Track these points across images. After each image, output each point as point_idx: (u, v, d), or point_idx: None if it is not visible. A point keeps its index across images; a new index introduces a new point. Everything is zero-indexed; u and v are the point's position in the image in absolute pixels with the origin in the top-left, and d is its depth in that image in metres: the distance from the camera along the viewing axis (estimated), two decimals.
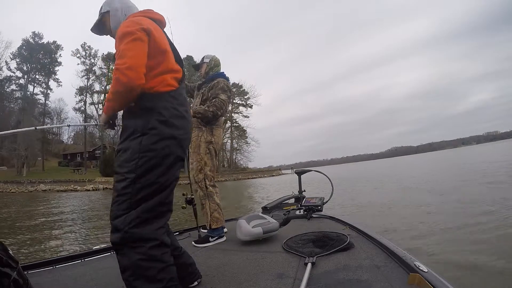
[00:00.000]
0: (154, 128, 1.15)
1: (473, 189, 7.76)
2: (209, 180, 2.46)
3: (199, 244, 2.33)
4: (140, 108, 1.18)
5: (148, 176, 1.13)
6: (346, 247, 1.76)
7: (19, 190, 27.40)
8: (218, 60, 2.74)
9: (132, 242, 1.08)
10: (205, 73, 2.69)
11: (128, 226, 1.08)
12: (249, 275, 1.56)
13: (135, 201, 1.10)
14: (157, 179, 1.15)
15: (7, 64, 44.29)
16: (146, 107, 1.18)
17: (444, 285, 1.10)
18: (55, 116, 51.52)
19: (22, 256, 4.44)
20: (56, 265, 1.99)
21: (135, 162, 1.12)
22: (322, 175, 3.34)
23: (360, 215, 6.08)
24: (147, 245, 1.09)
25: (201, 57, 2.78)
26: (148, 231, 1.11)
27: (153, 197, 1.14)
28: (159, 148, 1.15)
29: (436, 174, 14.91)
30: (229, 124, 56.11)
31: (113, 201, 1.14)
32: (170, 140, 1.19)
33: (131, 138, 1.16)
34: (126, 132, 1.19)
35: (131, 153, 1.13)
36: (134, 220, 1.09)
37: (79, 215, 9.94)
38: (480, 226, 4.24)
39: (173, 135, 1.19)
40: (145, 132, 1.15)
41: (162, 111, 1.18)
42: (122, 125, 1.21)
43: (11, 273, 1.03)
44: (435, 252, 3.43)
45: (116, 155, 1.22)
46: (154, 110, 1.17)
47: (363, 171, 33.38)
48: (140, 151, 1.13)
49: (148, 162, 1.13)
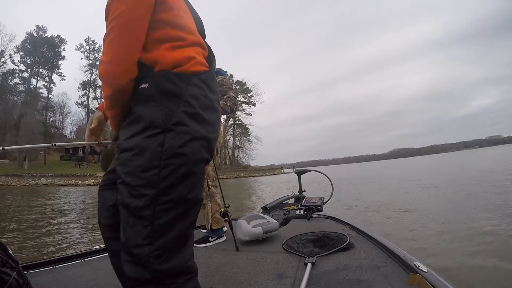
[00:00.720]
0: (181, 124, 0.80)
1: (476, 191, 7.73)
2: (211, 181, 2.44)
3: (199, 244, 2.33)
4: (159, 91, 0.81)
5: (174, 193, 0.80)
6: (346, 247, 1.76)
7: (20, 183, 27.55)
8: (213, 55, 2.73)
9: (161, 280, 0.80)
10: None
11: (156, 262, 0.78)
12: (249, 275, 1.56)
13: (158, 227, 0.79)
14: (187, 195, 0.82)
15: (11, 57, 44.53)
16: (168, 92, 0.81)
17: (444, 285, 1.09)
18: (58, 110, 51.92)
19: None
20: (56, 265, 1.98)
21: (156, 173, 0.78)
22: (322, 175, 3.33)
23: (364, 217, 6.06)
24: (180, 280, 0.83)
25: None
26: (179, 263, 0.83)
27: (182, 220, 0.83)
28: (190, 152, 0.81)
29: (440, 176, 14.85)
30: (232, 121, 56.13)
31: (125, 221, 0.82)
32: (201, 141, 0.85)
33: (147, 135, 0.79)
34: (136, 123, 0.82)
35: (149, 159, 0.78)
36: (162, 255, 0.79)
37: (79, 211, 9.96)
38: (481, 226, 4.24)
39: (204, 135, 0.85)
40: (169, 128, 0.79)
41: (190, 100, 0.83)
42: (129, 111, 0.85)
43: (11, 273, 1.02)
44: (435, 252, 3.43)
45: (119, 154, 0.87)
46: (181, 97, 0.82)
47: (365, 172, 33.33)
48: (162, 157, 0.78)
49: (175, 173, 0.79)
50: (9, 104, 44.86)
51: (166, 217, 0.79)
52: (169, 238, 0.80)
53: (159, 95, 0.80)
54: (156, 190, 0.78)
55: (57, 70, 48.62)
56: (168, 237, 0.80)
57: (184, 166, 0.80)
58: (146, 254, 0.78)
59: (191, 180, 0.83)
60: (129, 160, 0.80)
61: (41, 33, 47.21)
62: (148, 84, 0.82)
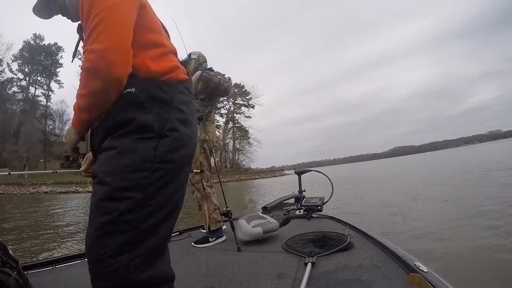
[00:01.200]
0: (175, 130, 0.81)
1: (477, 188, 7.73)
2: (206, 181, 2.42)
3: (199, 245, 2.33)
4: (149, 98, 0.79)
5: (161, 196, 0.79)
6: (346, 247, 1.75)
7: (20, 192, 27.51)
8: (205, 57, 2.70)
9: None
10: (194, 69, 2.63)
11: (136, 272, 0.73)
12: (249, 275, 1.56)
13: (140, 232, 0.75)
14: (171, 198, 0.82)
15: (9, 66, 44.62)
16: (159, 98, 0.81)
17: (444, 285, 1.09)
18: (57, 117, 51.92)
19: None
20: (56, 265, 1.99)
21: (146, 176, 0.76)
22: (323, 175, 3.33)
23: (364, 217, 6.05)
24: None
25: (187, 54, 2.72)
26: (159, 271, 0.79)
27: (165, 224, 0.81)
28: (179, 158, 0.82)
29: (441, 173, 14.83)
30: (231, 124, 56.16)
31: (98, 225, 0.74)
32: (189, 147, 0.87)
33: (138, 137, 0.77)
34: (123, 125, 0.78)
35: (140, 161, 0.75)
36: (141, 263, 0.74)
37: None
38: (481, 227, 4.23)
39: (192, 138, 0.89)
40: (163, 134, 0.79)
41: (180, 107, 0.84)
42: (112, 112, 0.80)
43: (11, 273, 1.03)
44: (435, 252, 3.42)
45: (100, 153, 0.81)
46: (172, 104, 0.82)
47: (365, 172, 33.30)
48: (155, 160, 0.77)
49: (164, 178, 0.79)
50: (8, 113, 44.87)
51: (150, 221, 0.76)
52: (151, 243, 0.77)
53: (150, 101, 0.79)
54: (143, 194, 0.75)
55: (55, 77, 48.72)
56: (151, 243, 0.77)
57: (172, 172, 0.81)
58: (124, 263, 0.72)
59: (177, 184, 0.83)
60: (111, 159, 0.76)
61: (38, 41, 47.36)
62: (135, 89, 0.79)
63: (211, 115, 2.57)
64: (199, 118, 2.40)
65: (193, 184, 2.40)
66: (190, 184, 2.41)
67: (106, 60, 0.73)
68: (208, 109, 2.52)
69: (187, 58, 2.68)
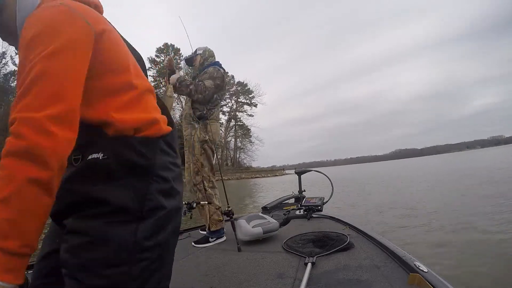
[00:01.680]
0: (158, 208, 0.62)
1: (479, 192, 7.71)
2: (208, 182, 2.40)
3: (199, 245, 2.33)
4: (121, 165, 0.60)
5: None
6: (346, 247, 1.76)
7: None
8: (212, 51, 2.65)
9: None
10: (200, 65, 2.61)
11: None
12: (249, 275, 1.57)
13: None
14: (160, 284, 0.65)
15: (12, 59, 44.66)
16: (135, 165, 0.61)
17: (444, 285, 1.10)
18: None
19: None
20: None
21: (125, 271, 0.57)
22: (323, 175, 3.33)
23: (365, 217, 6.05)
24: None
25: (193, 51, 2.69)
26: None
27: None
28: (164, 240, 0.63)
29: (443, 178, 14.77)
30: (234, 123, 56.17)
31: None
32: (178, 217, 0.69)
33: (111, 221, 0.57)
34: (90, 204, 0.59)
35: (114, 253, 0.56)
36: None
37: None
38: (481, 227, 4.22)
39: (180, 208, 0.70)
40: (142, 216, 0.59)
41: (163, 174, 0.65)
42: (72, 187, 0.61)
43: None
44: (436, 253, 3.41)
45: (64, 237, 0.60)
46: (151, 171, 0.63)
47: (367, 173, 33.25)
48: (134, 251, 0.58)
49: (149, 267, 0.60)
50: (11, 105, 45.04)
51: None
52: None
53: (122, 170, 0.60)
54: None
55: None
56: None
57: (159, 258, 0.63)
58: None
59: (166, 268, 0.67)
60: (82, 250, 0.57)
61: None
62: (102, 154, 0.60)
63: (215, 113, 2.52)
64: (199, 117, 2.37)
65: (194, 185, 2.40)
66: (192, 185, 2.41)
67: (51, 134, 0.51)
68: (207, 107, 2.46)
69: (192, 54, 2.66)
